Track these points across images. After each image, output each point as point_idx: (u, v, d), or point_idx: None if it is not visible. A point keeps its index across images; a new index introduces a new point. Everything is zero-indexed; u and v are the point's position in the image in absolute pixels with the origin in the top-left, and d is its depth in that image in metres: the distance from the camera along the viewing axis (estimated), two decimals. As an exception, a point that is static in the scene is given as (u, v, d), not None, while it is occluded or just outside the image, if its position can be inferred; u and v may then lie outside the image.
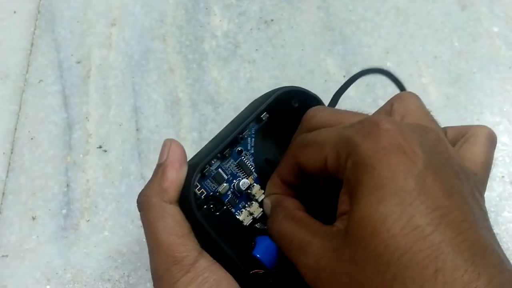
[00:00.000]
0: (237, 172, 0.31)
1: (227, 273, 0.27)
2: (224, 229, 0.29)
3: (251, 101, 0.32)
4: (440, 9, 0.50)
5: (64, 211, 0.42)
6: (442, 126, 0.46)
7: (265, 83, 0.47)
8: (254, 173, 0.32)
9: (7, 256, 0.41)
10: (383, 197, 0.20)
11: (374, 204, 0.20)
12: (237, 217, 0.30)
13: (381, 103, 0.45)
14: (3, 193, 0.43)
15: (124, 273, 0.40)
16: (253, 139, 0.32)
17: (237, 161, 0.31)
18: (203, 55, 0.48)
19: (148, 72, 0.47)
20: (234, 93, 0.46)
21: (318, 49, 0.48)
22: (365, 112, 0.44)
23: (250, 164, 0.32)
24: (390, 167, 0.21)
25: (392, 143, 0.21)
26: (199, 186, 0.30)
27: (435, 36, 0.48)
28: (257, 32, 0.49)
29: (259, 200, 0.31)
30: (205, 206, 0.29)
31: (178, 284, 0.26)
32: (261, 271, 0.28)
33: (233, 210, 0.30)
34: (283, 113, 0.32)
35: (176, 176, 0.28)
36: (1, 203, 0.42)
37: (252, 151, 0.32)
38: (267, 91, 0.46)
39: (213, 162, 0.30)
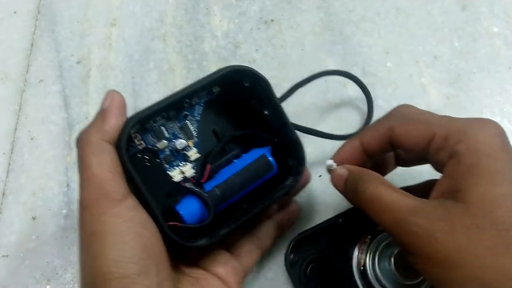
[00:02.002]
0: (179, 133, 0.34)
1: (148, 216, 0.29)
2: (152, 180, 0.31)
3: (218, 69, 0.34)
4: (440, 9, 0.50)
5: (64, 211, 0.42)
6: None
7: (265, 83, 0.47)
8: (195, 138, 0.34)
9: (7, 256, 0.41)
10: (501, 181, 0.25)
11: (493, 185, 0.25)
12: (168, 172, 0.33)
13: (381, 103, 0.45)
14: (3, 193, 0.43)
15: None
16: (201, 107, 0.34)
17: (181, 124, 0.34)
18: (203, 55, 0.48)
19: (148, 72, 0.47)
20: (234, 93, 0.46)
21: (318, 49, 0.48)
22: (364, 113, 0.44)
23: (194, 130, 0.34)
24: (503, 156, 0.26)
25: (502, 138, 0.27)
26: (139, 137, 0.32)
27: (435, 36, 0.48)
28: (257, 32, 0.49)
29: (192, 160, 0.34)
30: (139, 155, 0.31)
31: (104, 216, 0.27)
32: (179, 224, 0.31)
33: (166, 166, 0.33)
34: (235, 91, 0.34)
35: (115, 121, 0.30)
36: (1, 203, 0.42)
37: (198, 118, 0.34)
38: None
39: (158, 119, 0.32)
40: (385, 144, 0.32)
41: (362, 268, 0.33)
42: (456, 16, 0.49)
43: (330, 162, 0.33)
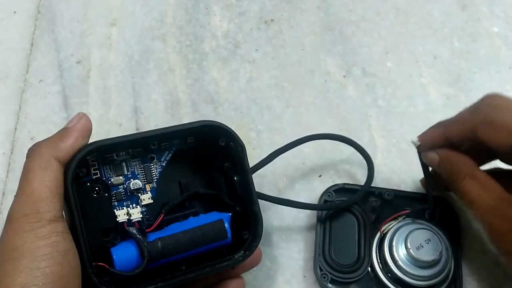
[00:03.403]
0: (138, 174, 0.32)
1: (75, 247, 0.27)
2: (93, 213, 0.30)
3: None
4: (440, 9, 0.50)
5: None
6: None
7: (265, 83, 0.46)
8: (154, 183, 0.33)
9: (7, 256, 0.41)
10: None
11: None
12: (114, 210, 0.31)
13: (381, 103, 0.45)
14: (3, 193, 0.43)
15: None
16: (170, 154, 0.33)
17: (144, 165, 0.32)
18: (203, 55, 0.48)
19: (148, 72, 0.47)
20: (234, 93, 0.46)
21: (318, 49, 0.48)
22: (363, 112, 0.44)
23: (156, 174, 0.33)
24: None
25: None
26: (96, 167, 0.31)
27: (435, 36, 0.48)
28: (257, 32, 0.49)
29: (143, 205, 0.32)
30: (88, 184, 0.30)
31: (30, 234, 0.26)
32: (106, 266, 0.29)
33: (115, 203, 0.31)
34: (208, 147, 0.33)
35: (73, 143, 0.29)
36: (1, 203, 0.42)
37: (164, 164, 0.33)
38: (267, 91, 0.46)
39: (121, 154, 0.31)
40: (469, 141, 0.33)
41: (382, 236, 0.38)
42: (456, 16, 0.49)
43: (415, 140, 0.36)
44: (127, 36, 0.49)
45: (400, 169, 0.42)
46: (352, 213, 0.39)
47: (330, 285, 0.37)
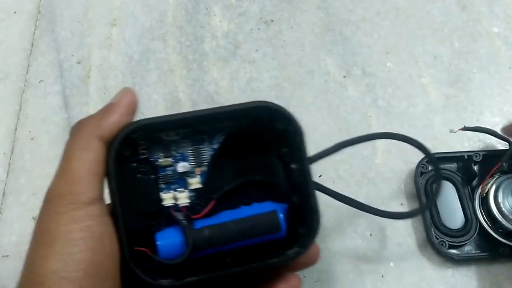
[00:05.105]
0: (188, 156, 0.30)
1: (113, 232, 0.26)
2: (138, 195, 0.28)
3: (252, 100, 0.31)
4: (440, 9, 0.50)
5: (64, 211, 0.42)
6: (442, 126, 0.46)
7: (265, 83, 0.47)
8: (204, 167, 0.30)
9: (7, 256, 0.41)
10: None
11: None
12: (161, 193, 0.29)
13: (381, 103, 0.45)
14: (4, 193, 0.43)
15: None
16: (223, 137, 0.31)
17: (194, 147, 0.30)
18: (203, 55, 0.48)
19: (148, 72, 0.47)
20: (234, 93, 0.46)
21: (318, 49, 0.48)
22: (363, 112, 0.44)
23: (205, 157, 0.30)
24: None
25: None
26: (145, 146, 0.29)
27: (435, 36, 0.48)
28: (257, 32, 0.49)
29: (191, 189, 0.30)
30: (134, 164, 0.28)
31: (64, 217, 0.24)
32: (148, 252, 0.27)
33: (162, 185, 0.29)
34: (265, 131, 0.30)
35: (117, 119, 0.27)
36: (2, 203, 0.42)
37: (215, 147, 0.31)
38: (267, 91, 0.46)
39: (171, 134, 0.29)
40: None
41: (484, 195, 0.40)
42: (456, 16, 0.49)
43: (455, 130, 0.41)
44: (127, 36, 0.49)
45: (400, 169, 0.43)
46: (449, 180, 0.41)
47: (449, 251, 0.39)
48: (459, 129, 0.41)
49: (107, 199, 0.27)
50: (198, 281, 0.28)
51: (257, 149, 0.31)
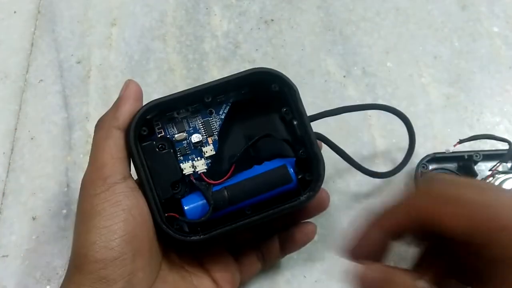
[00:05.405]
0: (200, 128, 0.34)
1: (143, 202, 0.30)
2: (161, 168, 0.32)
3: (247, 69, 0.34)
4: (440, 9, 0.50)
5: (64, 211, 0.42)
6: (442, 126, 0.46)
7: (265, 83, 0.47)
8: (215, 136, 0.34)
9: (7, 256, 0.41)
10: None
11: None
12: (180, 164, 0.33)
13: (381, 102, 0.45)
14: (3, 193, 0.43)
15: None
16: (228, 107, 0.34)
17: (204, 119, 0.34)
18: (203, 55, 0.48)
19: (148, 72, 0.47)
20: (234, 93, 0.46)
21: (318, 49, 0.48)
22: (364, 112, 0.44)
23: (215, 127, 0.34)
24: None
25: None
26: (160, 126, 0.33)
27: (435, 36, 0.48)
28: (257, 32, 0.49)
29: (206, 157, 0.34)
30: (154, 142, 0.32)
31: (96, 198, 0.29)
32: (177, 216, 0.31)
33: (180, 157, 0.34)
34: (264, 95, 0.34)
35: (128, 107, 0.31)
36: (1, 203, 0.42)
37: (222, 117, 0.34)
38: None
39: (182, 111, 0.33)
40: (417, 232, 0.26)
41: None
42: (456, 16, 0.49)
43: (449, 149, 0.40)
44: (127, 36, 0.49)
45: (400, 169, 0.43)
46: None
47: None
48: (455, 145, 0.41)
49: (135, 175, 0.31)
50: (223, 233, 0.31)
51: (260, 113, 0.35)
